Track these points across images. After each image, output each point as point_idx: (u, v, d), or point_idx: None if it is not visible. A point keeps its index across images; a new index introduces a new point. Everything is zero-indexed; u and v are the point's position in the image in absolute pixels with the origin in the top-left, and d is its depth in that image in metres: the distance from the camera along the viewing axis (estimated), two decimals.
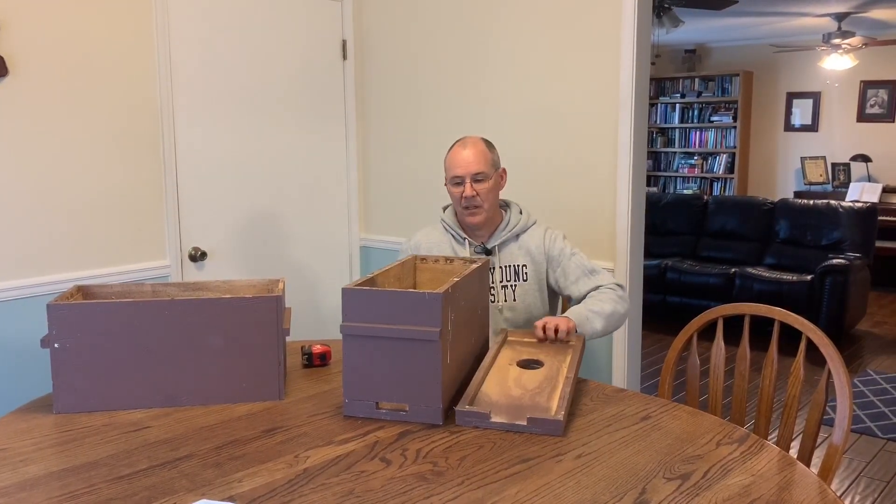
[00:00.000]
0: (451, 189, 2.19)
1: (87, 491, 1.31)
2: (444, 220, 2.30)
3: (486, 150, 2.17)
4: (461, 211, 2.20)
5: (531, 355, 1.89)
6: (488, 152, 2.18)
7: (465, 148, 2.16)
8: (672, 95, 9.13)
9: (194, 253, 2.90)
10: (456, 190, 2.17)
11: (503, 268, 2.23)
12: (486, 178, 2.15)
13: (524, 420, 1.56)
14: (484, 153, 2.16)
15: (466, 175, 2.13)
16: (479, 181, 2.14)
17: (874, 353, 5.20)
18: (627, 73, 2.56)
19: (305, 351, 2.03)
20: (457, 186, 2.17)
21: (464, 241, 2.25)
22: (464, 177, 2.14)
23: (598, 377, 2.71)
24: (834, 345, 1.80)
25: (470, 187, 2.13)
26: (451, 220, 2.28)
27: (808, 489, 1.33)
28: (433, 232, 2.31)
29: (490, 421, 1.57)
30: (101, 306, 1.66)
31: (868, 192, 7.42)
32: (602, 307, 2.08)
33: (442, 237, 2.28)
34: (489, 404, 1.63)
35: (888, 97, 7.79)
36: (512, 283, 2.22)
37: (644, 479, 1.36)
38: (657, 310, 5.83)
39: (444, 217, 2.31)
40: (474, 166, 2.13)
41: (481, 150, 2.16)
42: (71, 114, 2.52)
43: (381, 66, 3.34)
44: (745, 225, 6.08)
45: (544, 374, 1.78)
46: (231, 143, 2.99)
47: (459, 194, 2.15)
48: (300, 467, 1.40)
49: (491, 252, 2.23)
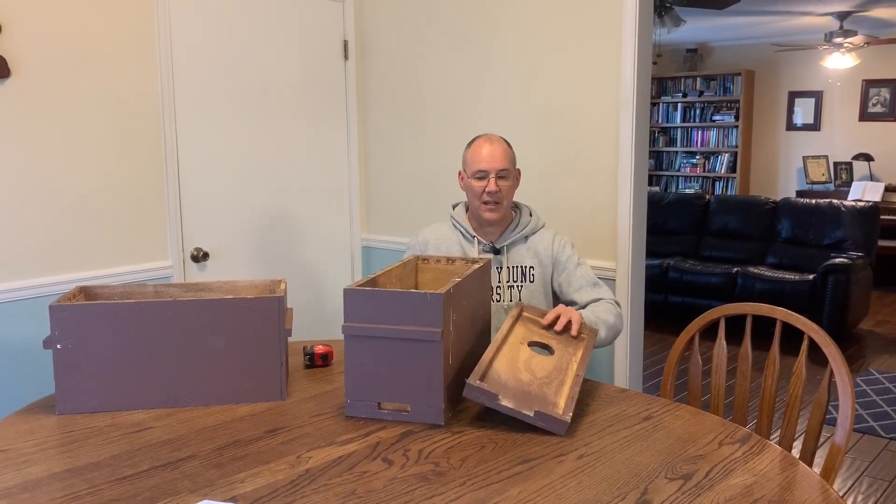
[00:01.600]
0: (473, 183, 2.17)
1: (89, 492, 1.31)
2: (454, 216, 2.29)
3: (508, 149, 2.20)
4: (479, 206, 2.18)
5: (543, 338, 1.86)
6: (510, 150, 2.21)
7: (492, 143, 2.17)
8: (674, 95, 9.12)
9: (196, 253, 2.90)
10: (478, 184, 2.16)
11: (510, 268, 2.23)
12: (508, 176, 2.17)
13: (531, 411, 1.55)
14: (507, 151, 2.19)
15: (492, 170, 2.14)
16: (502, 178, 2.15)
17: (876, 353, 5.20)
18: (629, 73, 2.56)
19: (307, 351, 2.03)
20: (480, 181, 2.16)
21: (473, 238, 2.24)
22: (489, 171, 2.14)
23: (600, 377, 2.71)
24: (836, 344, 1.80)
25: (494, 182, 2.13)
26: (462, 217, 2.27)
27: (810, 489, 1.33)
28: (442, 228, 2.30)
29: (497, 402, 1.56)
30: (104, 307, 1.67)
31: (870, 192, 7.41)
32: (607, 318, 2.08)
33: (451, 234, 2.27)
34: (499, 384, 1.61)
35: (890, 96, 7.78)
36: (518, 284, 2.22)
37: (646, 480, 1.36)
38: (659, 309, 5.82)
39: (454, 214, 2.30)
40: (500, 162, 2.15)
41: (505, 148, 2.19)
42: (73, 114, 2.52)
43: (382, 66, 3.35)
44: (747, 224, 6.08)
45: (554, 364, 1.76)
46: (233, 143, 2.99)
47: (482, 189, 2.15)
48: (302, 468, 1.40)
49: (500, 251, 2.23)
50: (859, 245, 5.59)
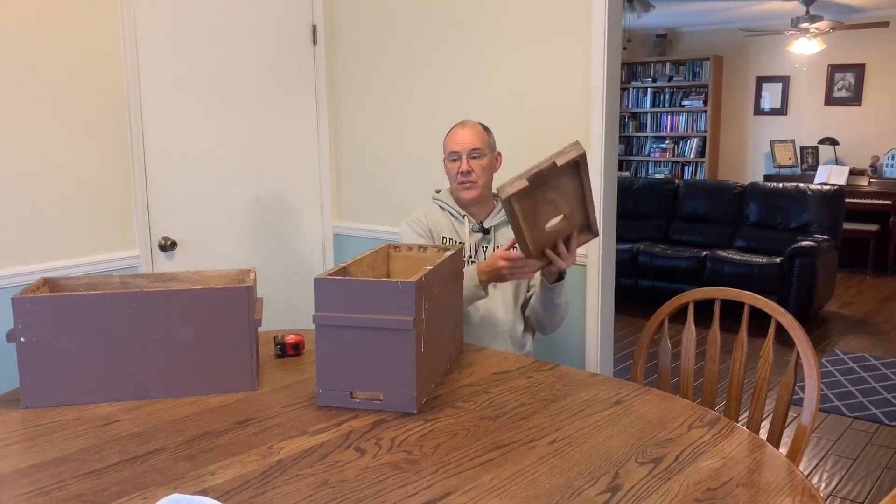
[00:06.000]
0: (448, 165, 2.31)
1: (55, 487, 1.29)
2: (440, 199, 2.40)
3: (482, 132, 2.32)
4: (456, 187, 2.31)
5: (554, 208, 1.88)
6: (485, 133, 2.32)
7: (464, 127, 2.31)
8: (643, 80, 9.17)
9: (164, 243, 2.86)
10: (453, 166, 2.29)
11: (497, 247, 2.33)
12: (481, 156, 2.28)
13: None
14: (481, 133, 2.31)
15: (463, 151, 2.27)
16: (474, 158, 2.27)
17: (841, 334, 5.30)
18: (599, 59, 2.56)
19: (278, 341, 2.01)
20: (454, 162, 2.29)
21: (463, 217, 2.35)
22: (460, 153, 2.27)
23: (571, 362, 2.73)
24: (802, 327, 1.83)
25: (466, 163, 2.26)
26: (449, 198, 2.39)
27: (777, 471, 1.35)
28: (432, 209, 2.41)
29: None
30: (69, 299, 1.63)
31: (835, 175, 7.53)
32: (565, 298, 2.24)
33: (440, 216, 2.38)
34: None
35: (855, 81, 7.89)
36: None
37: (617, 464, 1.37)
38: (629, 294, 5.88)
39: (441, 196, 2.41)
40: (470, 143, 2.27)
41: (478, 131, 2.31)
42: (34, 102, 2.46)
43: (352, 51, 3.31)
44: (715, 208, 6.15)
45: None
46: (200, 130, 2.94)
47: (456, 169, 2.28)
48: (273, 459, 1.39)
49: (488, 231, 2.35)
50: (825, 228, 5.69)
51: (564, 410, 1.63)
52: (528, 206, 1.77)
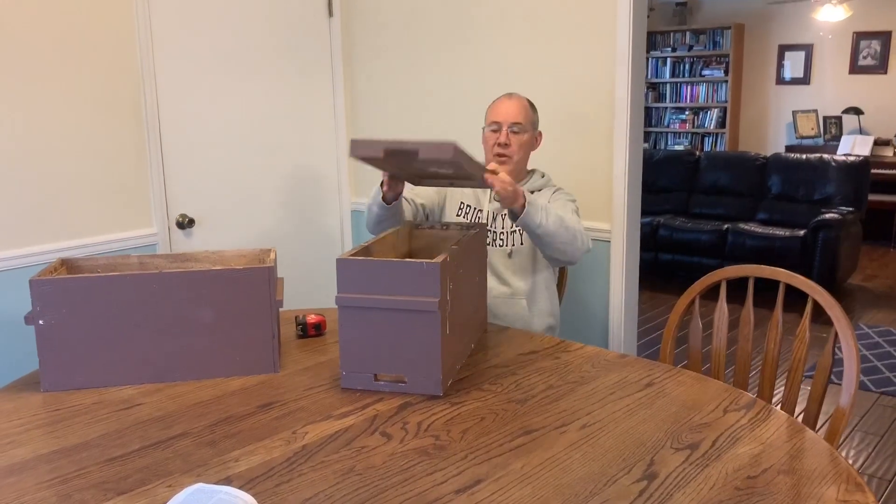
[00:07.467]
0: (487, 134, 2.26)
1: (77, 474, 1.26)
2: None
3: (528, 107, 2.26)
4: (492, 158, 2.24)
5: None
6: (529, 109, 2.27)
7: (511, 99, 2.26)
8: (663, 49, 8.99)
9: (182, 220, 2.82)
10: (492, 136, 2.24)
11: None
12: (522, 131, 2.23)
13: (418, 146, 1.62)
14: (525, 108, 2.25)
15: (504, 122, 2.22)
16: (514, 132, 2.22)
17: (865, 307, 5.22)
18: (624, 27, 2.48)
19: (299, 321, 1.98)
20: (493, 132, 2.24)
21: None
22: (502, 123, 2.22)
23: (594, 340, 2.68)
24: (840, 306, 1.77)
25: (505, 135, 2.21)
26: None
27: (819, 457, 1.30)
28: None
29: (385, 143, 1.64)
30: (87, 280, 1.60)
31: (860, 145, 7.37)
32: (562, 214, 2.06)
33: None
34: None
35: (881, 48, 7.69)
36: (520, 229, 2.20)
37: (652, 450, 1.32)
38: (649, 267, 5.80)
39: None
40: (513, 116, 2.22)
41: (524, 105, 2.25)
42: (50, 80, 2.42)
43: (368, 22, 3.23)
44: (737, 181, 6.04)
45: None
46: (216, 106, 2.89)
47: (494, 140, 2.23)
48: (298, 444, 1.36)
49: None
50: (849, 200, 5.57)
51: (594, 393, 1.58)
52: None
